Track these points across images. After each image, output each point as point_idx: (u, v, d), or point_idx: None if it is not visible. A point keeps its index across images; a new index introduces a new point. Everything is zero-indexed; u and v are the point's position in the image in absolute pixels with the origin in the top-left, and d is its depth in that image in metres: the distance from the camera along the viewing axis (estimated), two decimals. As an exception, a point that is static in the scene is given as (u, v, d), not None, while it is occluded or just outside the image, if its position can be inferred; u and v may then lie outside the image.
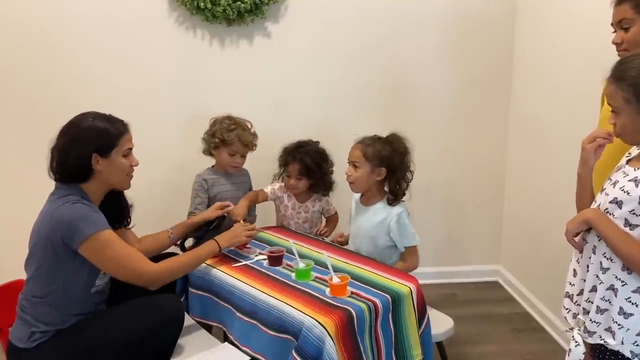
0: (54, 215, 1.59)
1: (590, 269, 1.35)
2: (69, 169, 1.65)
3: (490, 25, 2.91)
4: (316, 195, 2.46)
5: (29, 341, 1.61)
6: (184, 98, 2.77)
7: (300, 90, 2.86)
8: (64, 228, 1.57)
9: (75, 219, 1.57)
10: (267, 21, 2.75)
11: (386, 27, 2.85)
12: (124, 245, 1.66)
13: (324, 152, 2.42)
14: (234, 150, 2.34)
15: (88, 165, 1.64)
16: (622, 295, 1.28)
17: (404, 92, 2.95)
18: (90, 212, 1.62)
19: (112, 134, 1.67)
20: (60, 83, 2.62)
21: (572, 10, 2.39)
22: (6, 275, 1.85)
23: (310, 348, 1.50)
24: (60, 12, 2.56)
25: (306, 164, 2.32)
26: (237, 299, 1.78)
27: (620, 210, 1.27)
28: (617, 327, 1.29)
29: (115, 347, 1.63)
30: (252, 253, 2.04)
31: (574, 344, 1.38)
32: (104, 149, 1.65)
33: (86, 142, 1.63)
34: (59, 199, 1.63)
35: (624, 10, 1.59)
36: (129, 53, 2.67)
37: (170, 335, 1.73)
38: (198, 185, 2.39)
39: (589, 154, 1.40)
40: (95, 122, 1.66)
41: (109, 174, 1.69)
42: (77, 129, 1.65)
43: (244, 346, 1.73)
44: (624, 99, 1.26)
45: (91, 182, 1.68)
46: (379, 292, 1.71)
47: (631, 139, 1.34)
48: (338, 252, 2.06)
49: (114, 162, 1.68)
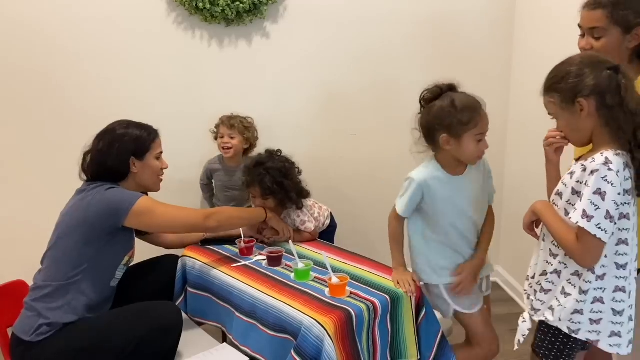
0: (93, 200, 1.73)
1: (541, 255, 1.50)
2: (109, 170, 1.81)
3: (489, 26, 2.92)
4: (286, 212, 2.27)
5: (34, 334, 1.62)
6: (182, 98, 2.77)
7: (298, 90, 2.86)
8: (106, 208, 1.72)
9: (116, 198, 1.74)
10: (265, 22, 2.75)
11: (384, 27, 2.85)
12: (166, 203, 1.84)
13: (285, 167, 2.23)
14: (222, 133, 2.58)
15: (126, 167, 1.83)
16: (564, 277, 1.42)
17: (403, 92, 2.95)
18: (125, 191, 1.80)
19: (146, 138, 1.87)
20: (57, 83, 2.62)
21: (572, 11, 2.40)
22: (6, 276, 1.86)
23: (309, 348, 1.51)
24: (58, 13, 2.56)
25: (266, 186, 2.15)
26: (237, 299, 1.79)
27: (561, 201, 1.40)
28: (557, 305, 1.42)
29: (113, 351, 1.64)
30: (251, 254, 2.04)
31: (521, 320, 1.55)
32: (140, 152, 1.84)
33: (124, 146, 1.82)
34: (95, 188, 1.76)
35: (598, 18, 1.53)
36: (127, 53, 2.67)
37: (166, 343, 1.73)
38: (203, 173, 2.72)
39: (549, 153, 1.53)
40: (131, 128, 1.86)
41: (143, 175, 1.87)
42: (115, 134, 1.83)
43: (243, 346, 1.73)
44: (558, 106, 1.38)
45: (125, 183, 1.85)
46: (378, 292, 1.71)
47: (575, 140, 1.43)
48: (337, 252, 2.07)
49: (147, 164, 1.87)
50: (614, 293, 1.36)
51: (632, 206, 1.34)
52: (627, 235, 1.34)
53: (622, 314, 1.38)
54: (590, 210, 1.27)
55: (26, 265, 1.89)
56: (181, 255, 2.09)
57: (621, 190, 1.28)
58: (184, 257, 2.06)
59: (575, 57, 1.37)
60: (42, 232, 1.85)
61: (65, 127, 2.63)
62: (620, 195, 1.28)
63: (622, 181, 1.28)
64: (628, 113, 1.28)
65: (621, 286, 1.36)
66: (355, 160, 2.98)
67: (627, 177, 1.30)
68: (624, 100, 1.28)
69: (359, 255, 2.03)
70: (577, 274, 1.38)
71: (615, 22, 1.51)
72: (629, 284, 1.38)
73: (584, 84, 1.30)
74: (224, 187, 2.66)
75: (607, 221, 1.27)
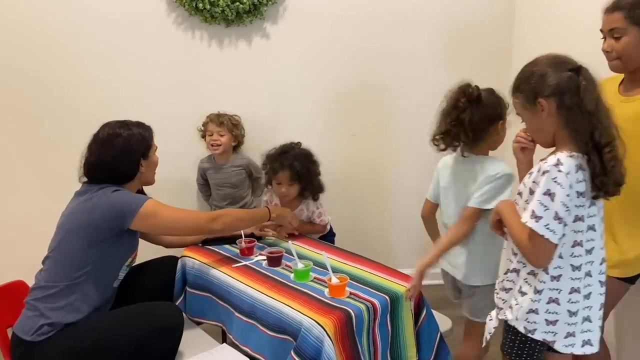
0: (99, 202, 1.72)
1: (505, 254, 1.53)
2: (121, 175, 1.81)
3: (488, 26, 2.92)
4: (304, 203, 2.35)
5: (35, 334, 1.62)
6: (182, 98, 2.77)
7: (298, 91, 2.86)
8: (113, 210, 1.71)
9: (122, 201, 1.74)
10: (265, 22, 2.75)
11: (383, 28, 2.86)
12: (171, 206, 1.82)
13: (310, 154, 2.34)
14: (211, 131, 2.62)
15: (136, 170, 1.84)
16: (522, 276, 1.43)
17: (402, 92, 2.96)
18: (131, 193, 1.81)
19: (147, 137, 1.87)
20: (57, 83, 2.62)
21: (571, 11, 2.40)
22: (6, 276, 1.86)
23: (309, 348, 1.51)
24: (58, 13, 2.57)
25: (296, 170, 2.23)
26: (236, 299, 1.79)
27: (521, 200, 1.42)
28: (515, 304, 1.43)
29: (114, 352, 1.64)
30: (252, 254, 2.04)
31: (489, 319, 1.56)
32: (146, 151, 1.86)
33: (134, 149, 1.82)
34: (100, 190, 1.75)
35: (616, 19, 1.58)
36: (127, 53, 2.67)
37: (167, 343, 1.73)
38: (197, 174, 2.78)
39: (516, 152, 1.57)
40: (133, 129, 1.84)
41: (148, 172, 1.89)
42: (122, 138, 1.80)
43: (244, 346, 1.73)
44: (522, 106, 1.39)
45: (131, 183, 1.85)
46: (378, 292, 1.71)
47: (540, 141, 1.44)
48: (337, 252, 2.07)
49: (151, 161, 1.89)
50: (569, 294, 1.36)
51: (587, 208, 1.33)
52: (582, 237, 1.34)
53: (577, 315, 1.38)
54: (539, 210, 1.28)
55: (26, 266, 1.89)
56: (181, 255, 2.09)
57: (571, 192, 1.27)
58: (184, 257, 2.06)
59: (540, 58, 1.38)
60: (41, 232, 1.85)
61: (66, 127, 2.63)
62: (571, 197, 1.27)
63: (574, 183, 1.28)
64: (586, 114, 1.29)
65: (576, 287, 1.36)
66: (355, 161, 2.98)
67: (579, 179, 1.29)
68: (582, 102, 1.28)
69: (359, 256, 2.03)
70: (533, 273, 1.39)
71: (634, 22, 1.56)
72: (585, 286, 1.37)
73: (545, 85, 1.32)
74: (215, 185, 2.70)
75: (555, 222, 1.27)
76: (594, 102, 1.29)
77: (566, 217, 1.29)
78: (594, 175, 1.29)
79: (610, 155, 1.28)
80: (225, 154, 2.67)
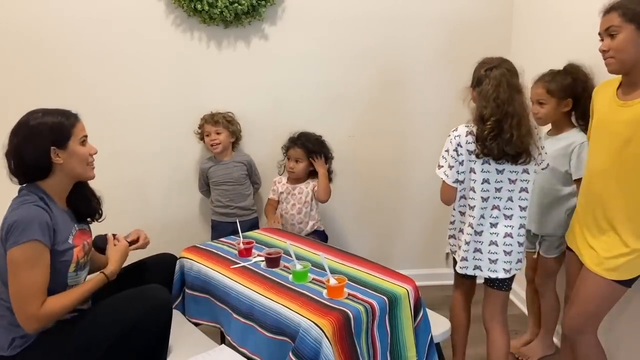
0: (4, 217, 1.59)
1: None
2: (28, 168, 1.65)
3: (487, 27, 2.92)
4: (312, 180, 2.66)
5: (10, 349, 1.58)
6: (180, 99, 2.77)
7: (297, 91, 2.86)
8: (5, 229, 1.56)
9: (13, 223, 1.55)
10: (264, 23, 2.76)
11: (383, 28, 2.86)
12: (36, 273, 1.55)
13: (324, 142, 2.69)
14: (208, 131, 2.68)
15: (47, 160, 1.65)
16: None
17: (402, 93, 2.96)
18: (32, 219, 1.56)
19: (65, 125, 1.69)
20: (55, 84, 2.61)
21: (569, 11, 2.40)
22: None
23: (307, 350, 1.51)
24: (56, 13, 2.56)
25: (307, 147, 2.60)
26: (234, 301, 1.78)
27: None
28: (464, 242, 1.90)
29: (106, 343, 1.62)
30: (250, 256, 2.04)
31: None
32: (61, 140, 1.66)
33: (41, 137, 1.63)
34: (16, 201, 1.63)
35: (612, 18, 1.62)
36: (126, 54, 2.67)
37: (161, 322, 1.72)
38: (199, 174, 2.80)
39: None
40: (45, 117, 1.67)
41: (70, 164, 1.69)
42: (28, 127, 1.64)
43: (242, 347, 1.73)
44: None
45: (53, 177, 1.68)
46: (376, 293, 1.71)
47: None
48: (335, 253, 2.06)
49: (73, 152, 1.69)
50: (467, 227, 1.86)
51: (477, 164, 1.78)
52: (474, 185, 1.81)
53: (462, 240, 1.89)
54: (441, 161, 1.85)
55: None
56: (179, 256, 2.09)
57: (458, 148, 1.79)
58: (183, 259, 2.06)
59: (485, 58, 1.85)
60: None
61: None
62: (458, 152, 1.79)
63: (464, 143, 1.78)
64: (482, 99, 1.77)
65: (468, 223, 1.86)
66: (355, 161, 2.98)
67: (469, 141, 1.78)
68: (482, 91, 1.77)
69: (357, 257, 2.03)
70: (452, 208, 1.94)
71: (629, 19, 1.59)
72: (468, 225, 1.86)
73: (473, 77, 1.84)
74: (217, 183, 2.71)
75: (449, 169, 1.82)
76: (487, 92, 1.76)
77: (456, 166, 1.80)
78: (477, 139, 1.76)
79: (491, 127, 1.72)
80: (225, 151, 2.71)
